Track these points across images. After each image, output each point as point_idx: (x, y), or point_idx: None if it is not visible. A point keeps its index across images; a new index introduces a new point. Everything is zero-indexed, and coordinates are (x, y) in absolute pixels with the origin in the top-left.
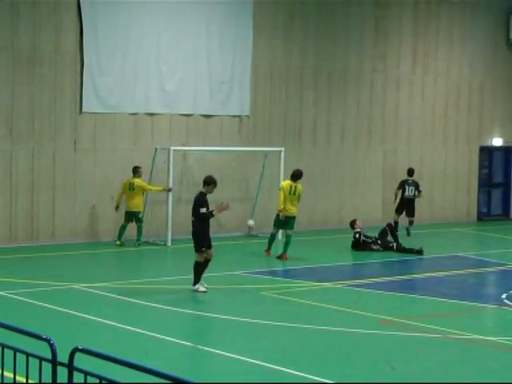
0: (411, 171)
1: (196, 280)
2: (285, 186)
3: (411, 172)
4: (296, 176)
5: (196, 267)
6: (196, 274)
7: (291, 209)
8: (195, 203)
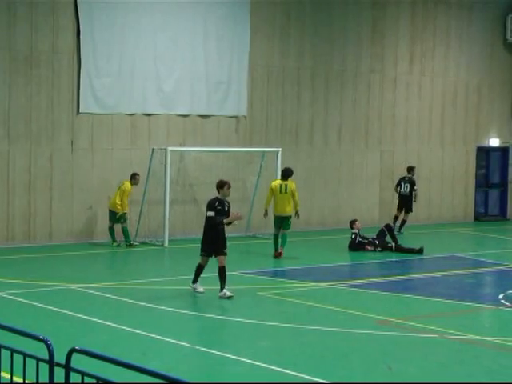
0: (409, 169)
1: (194, 279)
2: (273, 186)
3: (409, 169)
4: (284, 174)
5: (196, 268)
6: (195, 274)
7: (284, 208)
8: (206, 206)
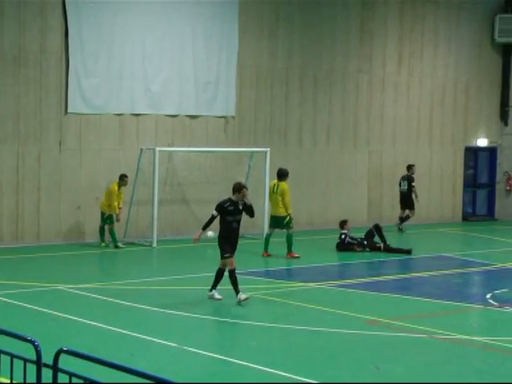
0: (408, 167)
1: (213, 285)
2: (270, 186)
3: (408, 168)
4: (279, 174)
5: (216, 273)
6: (215, 280)
7: (275, 209)
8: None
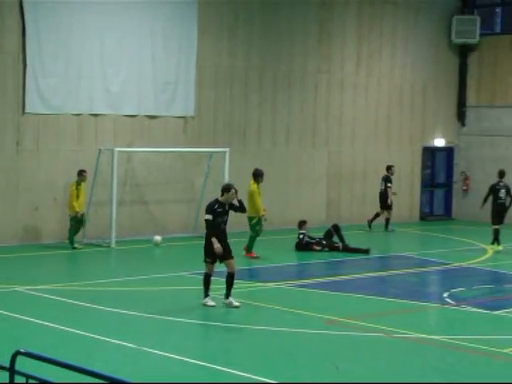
0: (387, 167)
1: (204, 292)
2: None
3: (386, 168)
4: (252, 174)
5: (203, 279)
6: (204, 287)
7: (248, 209)
8: (205, 209)
